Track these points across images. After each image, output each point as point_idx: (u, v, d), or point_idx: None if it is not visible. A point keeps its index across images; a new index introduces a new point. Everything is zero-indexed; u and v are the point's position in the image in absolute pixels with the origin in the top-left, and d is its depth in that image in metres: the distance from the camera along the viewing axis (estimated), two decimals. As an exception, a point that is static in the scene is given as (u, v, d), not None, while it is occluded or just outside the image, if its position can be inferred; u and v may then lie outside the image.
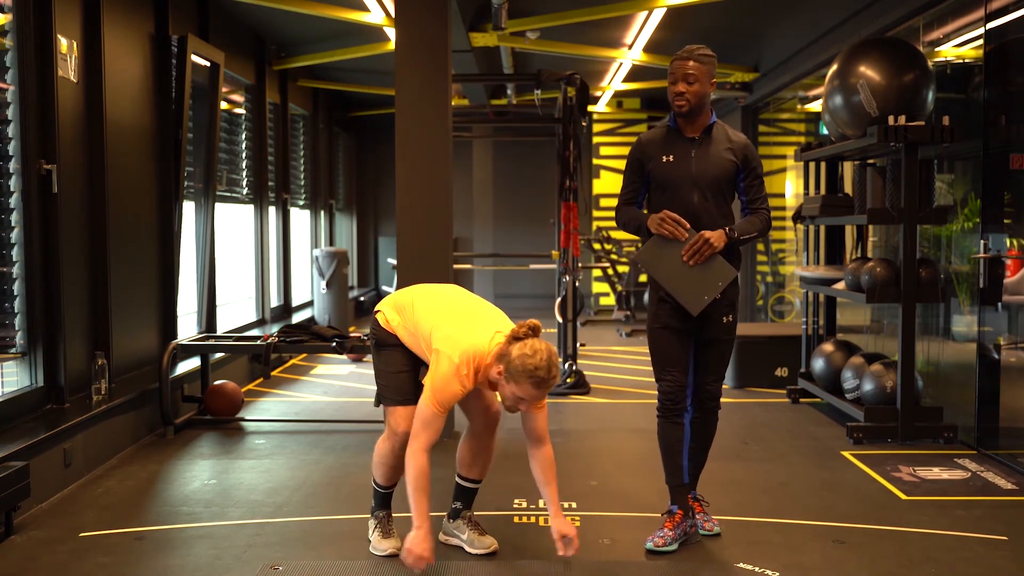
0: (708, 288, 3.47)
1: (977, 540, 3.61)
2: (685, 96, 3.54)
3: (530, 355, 2.99)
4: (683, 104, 3.55)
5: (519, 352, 3.00)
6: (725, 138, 3.61)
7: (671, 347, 3.58)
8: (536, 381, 3.00)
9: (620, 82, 10.34)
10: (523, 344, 3.02)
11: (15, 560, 3.39)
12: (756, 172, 3.62)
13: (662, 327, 3.59)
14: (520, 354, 3.00)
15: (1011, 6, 4.96)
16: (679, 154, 3.58)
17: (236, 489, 4.31)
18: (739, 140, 3.63)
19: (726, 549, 3.52)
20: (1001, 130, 5.10)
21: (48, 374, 4.58)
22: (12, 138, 4.37)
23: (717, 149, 3.58)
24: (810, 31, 7.45)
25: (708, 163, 3.56)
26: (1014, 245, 5.16)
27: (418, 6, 5.15)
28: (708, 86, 3.56)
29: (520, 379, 3.00)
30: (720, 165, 3.56)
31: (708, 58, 3.56)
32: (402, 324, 3.33)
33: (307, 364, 8.06)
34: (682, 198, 3.56)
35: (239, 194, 7.71)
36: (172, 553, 3.46)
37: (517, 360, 2.99)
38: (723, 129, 3.64)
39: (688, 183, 3.56)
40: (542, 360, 2.99)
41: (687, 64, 3.55)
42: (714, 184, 3.56)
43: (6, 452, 3.74)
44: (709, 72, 3.55)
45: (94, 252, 5.02)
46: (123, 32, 5.35)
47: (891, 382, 5.22)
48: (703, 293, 3.47)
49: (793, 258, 9.63)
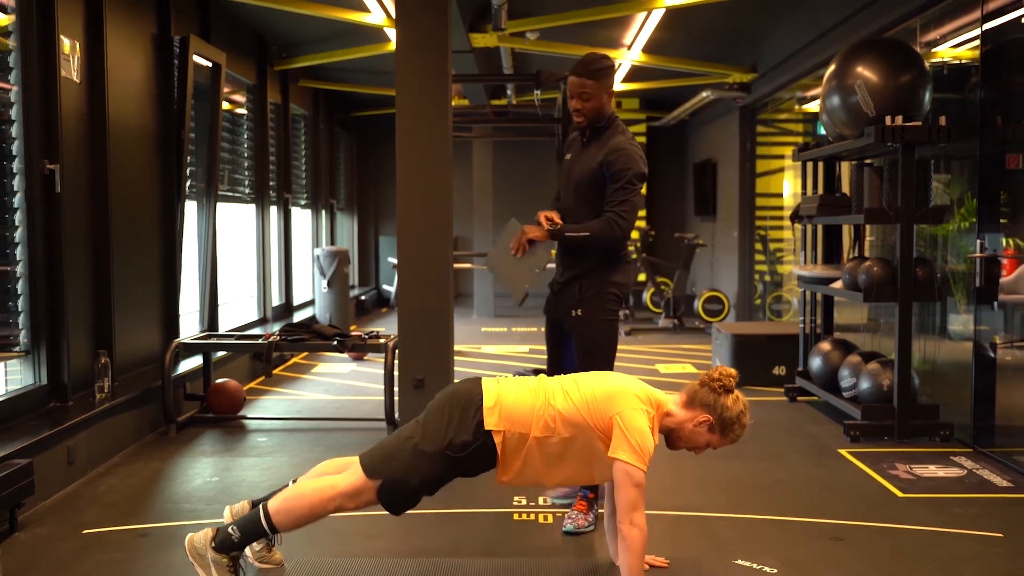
0: (527, 276, 3.83)
1: (973, 537, 3.62)
2: (582, 112, 3.69)
3: (744, 408, 2.98)
4: (581, 120, 3.71)
5: (735, 404, 2.96)
6: (605, 143, 3.69)
7: (548, 334, 4.02)
8: (744, 431, 3.01)
9: (619, 83, 10.34)
10: (735, 397, 2.98)
11: (19, 557, 3.39)
12: (617, 176, 3.62)
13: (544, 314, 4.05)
14: (738, 408, 2.96)
15: (1008, 7, 4.96)
16: (573, 154, 3.84)
17: (238, 486, 4.32)
18: (613, 145, 3.66)
19: (724, 546, 3.53)
20: (997, 130, 5.11)
21: (51, 372, 4.58)
22: (15, 138, 4.37)
23: (593, 153, 3.71)
24: (808, 32, 7.46)
25: (581, 166, 3.75)
26: (1010, 244, 5.17)
27: (418, 7, 5.14)
28: (604, 99, 3.67)
29: (736, 430, 2.97)
30: (588, 168, 3.71)
31: (604, 71, 3.65)
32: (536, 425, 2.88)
33: (308, 363, 8.07)
34: (563, 195, 3.89)
35: (241, 194, 7.72)
36: (175, 550, 3.46)
37: (734, 412, 2.95)
38: (612, 134, 3.71)
39: (566, 182, 3.83)
40: (748, 410, 3.02)
41: (582, 82, 3.64)
42: (580, 185, 3.75)
43: (10, 450, 3.75)
44: (605, 85, 3.65)
45: (97, 251, 5.03)
46: (125, 33, 5.35)
47: (888, 380, 5.23)
48: (523, 281, 3.84)
49: (791, 257, 9.64)
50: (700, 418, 2.95)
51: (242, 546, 2.88)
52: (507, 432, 2.86)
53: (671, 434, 3.00)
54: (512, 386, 2.97)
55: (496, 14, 6.56)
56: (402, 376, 5.18)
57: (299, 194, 9.77)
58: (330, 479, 2.91)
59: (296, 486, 2.95)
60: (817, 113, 6.26)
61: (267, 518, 2.84)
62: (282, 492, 2.94)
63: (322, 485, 2.88)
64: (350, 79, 10.24)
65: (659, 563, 3.22)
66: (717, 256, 11.40)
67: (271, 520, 2.84)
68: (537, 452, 2.88)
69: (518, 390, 2.95)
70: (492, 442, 2.85)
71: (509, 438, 2.86)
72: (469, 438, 2.85)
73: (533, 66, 9.02)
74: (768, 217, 10.12)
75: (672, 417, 2.97)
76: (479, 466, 2.92)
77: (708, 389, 2.97)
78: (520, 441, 2.86)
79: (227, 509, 3.19)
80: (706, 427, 2.95)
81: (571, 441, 2.87)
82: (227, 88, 6.93)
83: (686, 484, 4.32)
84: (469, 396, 2.91)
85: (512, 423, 2.86)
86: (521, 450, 2.87)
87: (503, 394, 2.92)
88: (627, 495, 2.77)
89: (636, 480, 2.77)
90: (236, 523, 2.88)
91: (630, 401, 2.87)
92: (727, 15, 7.29)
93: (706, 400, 2.95)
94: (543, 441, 2.87)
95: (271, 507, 2.86)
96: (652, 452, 2.84)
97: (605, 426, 2.85)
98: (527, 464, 2.89)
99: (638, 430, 2.81)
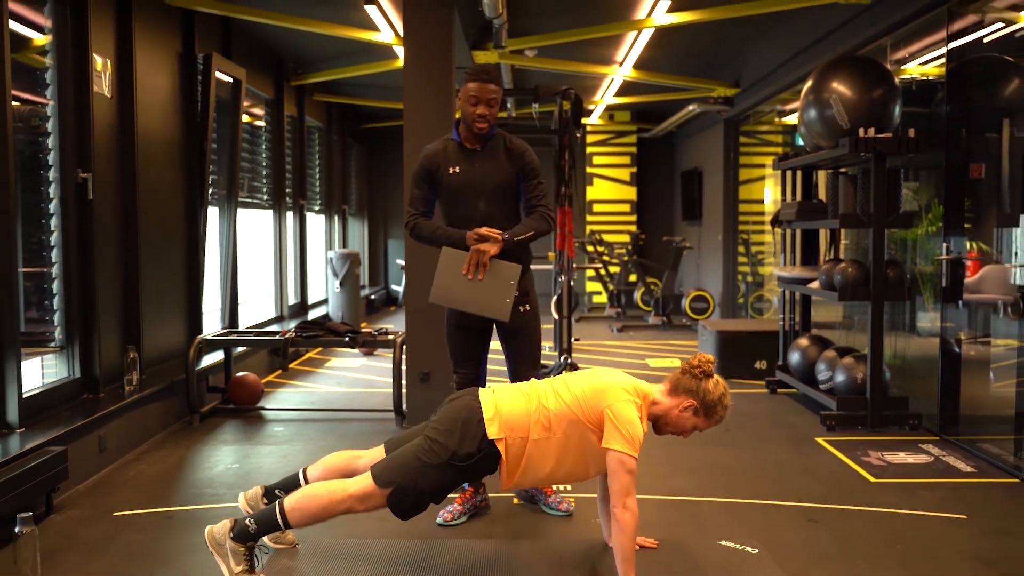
0: (504, 291, 3.43)
1: (940, 519, 3.64)
2: (487, 118, 3.49)
3: (724, 391, 2.96)
4: (484, 126, 3.50)
5: (716, 387, 2.94)
6: (504, 147, 3.58)
7: (465, 346, 3.66)
8: (726, 412, 2.99)
9: (612, 96, 10.35)
10: (715, 381, 2.96)
11: (54, 537, 3.41)
12: (534, 174, 3.60)
13: (455, 327, 3.65)
14: (719, 391, 2.94)
15: (971, 28, 4.98)
16: (463, 166, 3.56)
17: (257, 472, 4.33)
18: (517, 147, 3.59)
19: (710, 527, 3.54)
20: (962, 142, 5.12)
21: (84, 366, 4.60)
22: (51, 149, 4.38)
23: (498, 158, 3.57)
24: (787, 50, 7.46)
25: (490, 172, 3.56)
26: (973, 248, 5.18)
27: (425, 26, 5.16)
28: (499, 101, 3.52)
29: (719, 411, 2.95)
30: (501, 172, 3.56)
31: (500, 78, 3.46)
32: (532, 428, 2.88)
33: (322, 357, 8.07)
34: (470, 206, 3.56)
35: (259, 200, 7.72)
36: (198, 531, 3.45)
37: (715, 394, 2.93)
38: (502, 139, 3.61)
39: (473, 192, 3.55)
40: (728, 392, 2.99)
41: (489, 88, 3.46)
42: (497, 191, 3.56)
43: (46, 438, 3.77)
44: (502, 92, 3.51)
45: (126, 254, 5.04)
46: (153, 51, 5.36)
47: (861, 374, 5.24)
48: (503, 297, 3.42)
49: (771, 259, 9.65)
50: (685, 403, 2.94)
51: (257, 537, 2.87)
52: (509, 438, 2.85)
53: (659, 421, 2.99)
54: (506, 394, 2.97)
55: (497, 33, 6.56)
56: (409, 370, 5.19)
57: (313, 200, 9.77)
58: (343, 483, 2.90)
59: (310, 487, 2.93)
60: (796, 125, 6.27)
61: (282, 515, 2.85)
62: (297, 492, 2.93)
63: (335, 487, 2.88)
64: (361, 93, 10.24)
65: (649, 544, 3.23)
66: (703, 258, 11.41)
67: (285, 517, 2.85)
68: (537, 453, 2.87)
69: (512, 397, 2.94)
70: (496, 450, 2.85)
71: (511, 444, 2.85)
72: (473, 449, 2.84)
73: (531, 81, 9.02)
74: (750, 222, 10.12)
75: (659, 405, 2.96)
76: (482, 472, 2.92)
77: (690, 376, 2.96)
78: (521, 445, 2.86)
79: (241, 495, 3.21)
80: (691, 411, 2.94)
81: (567, 439, 2.87)
82: (247, 102, 6.94)
83: (674, 470, 4.33)
84: (469, 410, 2.90)
85: (512, 429, 2.86)
86: (523, 454, 2.87)
87: (500, 403, 2.91)
88: (620, 481, 2.77)
89: (629, 467, 2.78)
90: (254, 516, 2.89)
91: (618, 394, 2.87)
92: (712, 34, 7.30)
93: (689, 386, 2.94)
94: (541, 442, 2.86)
95: (286, 505, 2.86)
96: (642, 440, 2.85)
97: (597, 420, 2.85)
98: (530, 466, 2.89)
99: (628, 420, 2.81)
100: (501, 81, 3.47)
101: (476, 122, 3.49)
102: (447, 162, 3.58)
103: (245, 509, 3.17)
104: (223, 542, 2.86)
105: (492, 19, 5.93)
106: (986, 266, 5.00)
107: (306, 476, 3.13)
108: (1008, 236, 4.78)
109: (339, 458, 3.14)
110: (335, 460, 3.14)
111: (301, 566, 3.08)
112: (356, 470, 3.03)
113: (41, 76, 4.36)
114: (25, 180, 4.23)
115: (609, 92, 10.11)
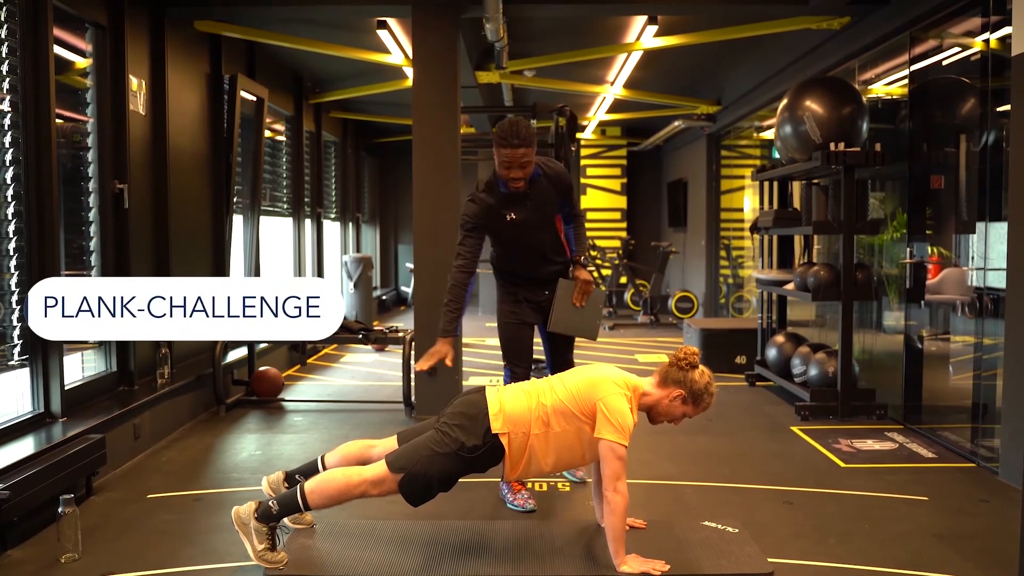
0: (597, 314, 3.69)
1: (903, 500, 3.65)
2: (522, 179, 3.41)
3: (709, 379, 2.95)
4: (520, 186, 3.43)
5: (701, 377, 2.93)
6: (544, 177, 3.53)
7: (528, 344, 3.70)
8: (712, 398, 2.97)
9: (604, 113, 10.36)
10: (701, 371, 2.95)
11: (94, 517, 3.43)
12: (571, 190, 3.66)
13: (520, 323, 3.69)
14: (705, 380, 2.93)
15: (931, 52, 5.00)
16: (517, 209, 3.50)
17: (278, 459, 4.35)
18: (554, 172, 3.56)
19: (693, 509, 3.56)
20: (923, 155, 5.14)
21: (120, 361, 4.62)
22: (91, 162, 4.41)
23: (545, 190, 3.54)
24: (764, 71, 7.48)
25: (542, 205, 3.55)
26: (935, 252, 5.19)
27: (432, 49, 5.18)
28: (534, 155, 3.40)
29: (705, 398, 2.94)
30: (551, 202, 3.58)
31: (532, 132, 3.35)
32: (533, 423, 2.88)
33: (337, 353, 8.08)
34: (536, 239, 3.59)
35: (280, 208, 7.74)
36: (225, 512, 3.47)
37: (701, 383, 2.93)
38: (541, 171, 3.52)
39: (534, 228, 3.56)
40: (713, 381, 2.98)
41: (519, 152, 3.33)
42: (548, 219, 3.61)
43: (86, 426, 3.79)
44: (535, 143, 3.37)
45: (158, 257, 5.06)
46: (184, 72, 5.38)
47: (832, 368, 5.26)
48: (595, 319, 3.69)
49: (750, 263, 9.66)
50: (674, 393, 2.94)
51: (279, 518, 2.89)
52: (512, 433, 2.86)
53: (650, 411, 2.99)
54: (509, 392, 2.98)
55: (498, 55, 6.59)
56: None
57: (329, 208, 9.78)
58: (359, 469, 2.92)
59: (329, 473, 2.95)
60: (772, 140, 6.28)
61: (303, 497, 2.87)
62: (316, 477, 2.94)
63: (351, 473, 2.89)
64: (373, 110, 10.25)
65: (638, 524, 3.24)
66: (688, 261, 11.42)
67: (306, 499, 2.86)
68: (538, 446, 2.88)
69: (515, 395, 2.96)
70: (500, 443, 2.86)
71: (514, 438, 2.87)
72: (479, 441, 2.85)
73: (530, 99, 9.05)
74: (731, 228, 10.13)
75: (649, 396, 2.97)
76: (487, 464, 2.93)
77: (677, 367, 2.96)
78: (523, 440, 2.87)
79: (264, 479, 3.23)
80: (680, 400, 2.94)
81: (564, 432, 2.88)
82: (269, 119, 6.96)
83: (659, 457, 4.34)
84: (477, 405, 2.92)
85: (515, 424, 2.87)
86: (525, 447, 2.88)
87: (504, 400, 2.92)
88: (612, 467, 2.79)
89: (619, 454, 2.79)
90: (277, 498, 2.91)
91: (610, 387, 2.88)
92: (695, 57, 7.32)
93: (676, 377, 2.95)
94: (542, 436, 2.88)
95: (307, 488, 2.87)
96: (632, 429, 2.86)
97: (591, 412, 2.85)
98: (532, 459, 2.90)
99: (619, 411, 2.82)
100: (532, 138, 3.32)
101: (512, 183, 3.42)
102: (502, 209, 3.50)
103: (268, 492, 3.18)
104: (248, 522, 2.88)
105: (494, 42, 5.96)
106: (946, 269, 5.02)
107: (324, 462, 3.14)
108: (966, 241, 4.80)
109: (355, 446, 3.16)
110: (351, 448, 3.16)
111: (319, 544, 3.10)
112: (370, 458, 3.05)
113: (82, 96, 4.39)
114: (67, 190, 4.26)
115: (601, 109, 10.13)
